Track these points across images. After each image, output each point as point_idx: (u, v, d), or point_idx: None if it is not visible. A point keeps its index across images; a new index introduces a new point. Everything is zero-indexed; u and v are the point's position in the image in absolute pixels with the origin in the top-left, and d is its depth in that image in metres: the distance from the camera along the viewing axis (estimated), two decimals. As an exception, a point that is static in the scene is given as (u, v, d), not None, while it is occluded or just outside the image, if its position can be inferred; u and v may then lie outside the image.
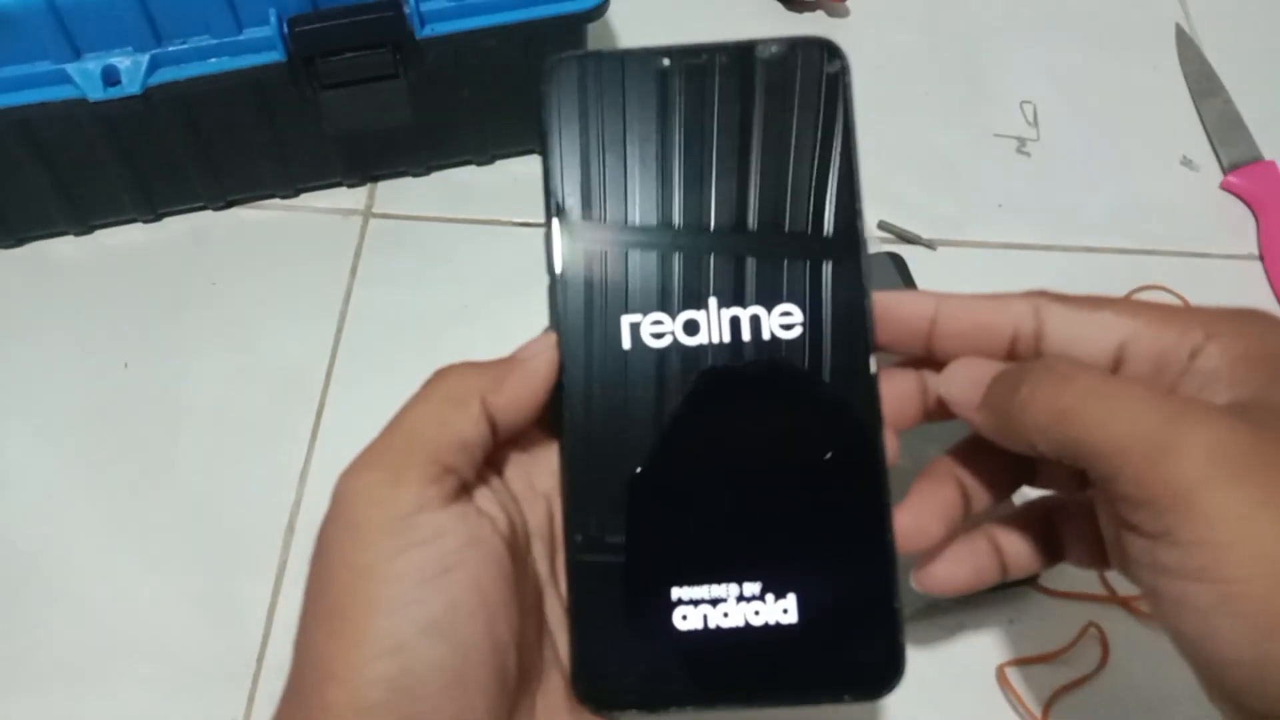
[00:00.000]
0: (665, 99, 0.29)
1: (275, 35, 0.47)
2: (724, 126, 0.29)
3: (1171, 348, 0.26)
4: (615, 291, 0.29)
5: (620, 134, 0.29)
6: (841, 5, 0.64)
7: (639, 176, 0.29)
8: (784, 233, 0.29)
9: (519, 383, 0.28)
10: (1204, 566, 0.22)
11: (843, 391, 0.29)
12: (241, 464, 0.49)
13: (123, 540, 0.47)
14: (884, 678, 0.28)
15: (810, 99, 0.29)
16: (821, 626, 0.28)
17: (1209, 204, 0.59)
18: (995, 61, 0.64)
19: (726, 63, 0.29)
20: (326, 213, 0.56)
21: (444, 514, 0.26)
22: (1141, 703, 0.43)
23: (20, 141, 0.48)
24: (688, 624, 0.28)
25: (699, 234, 0.29)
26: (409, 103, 0.51)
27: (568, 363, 0.29)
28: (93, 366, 0.51)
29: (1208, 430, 0.23)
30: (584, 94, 0.29)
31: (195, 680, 0.44)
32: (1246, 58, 0.64)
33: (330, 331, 0.53)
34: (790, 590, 0.28)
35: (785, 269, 0.29)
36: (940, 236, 0.56)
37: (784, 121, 0.29)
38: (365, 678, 0.24)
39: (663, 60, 0.29)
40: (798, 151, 0.29)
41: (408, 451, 0.27)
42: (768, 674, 0.28)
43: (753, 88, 0.29)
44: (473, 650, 0.25)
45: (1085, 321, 0.27)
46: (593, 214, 0.29)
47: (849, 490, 0.28)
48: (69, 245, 0.55)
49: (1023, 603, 0.46)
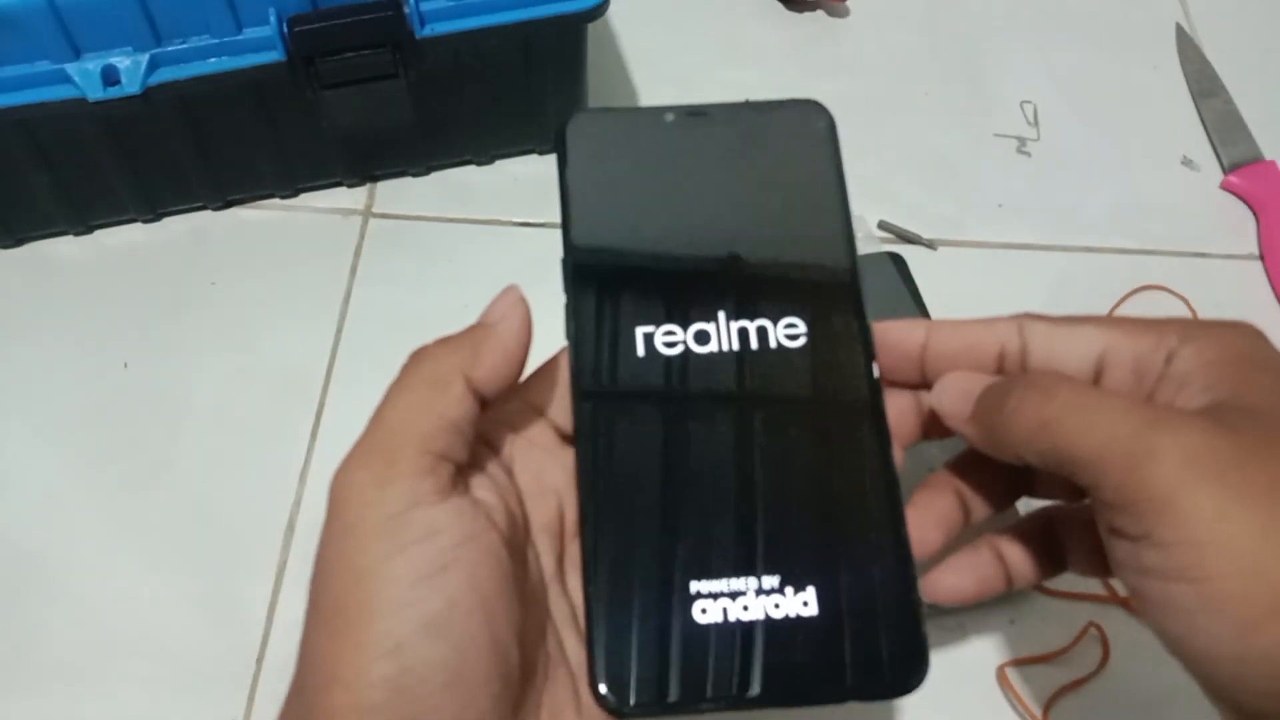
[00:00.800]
0: (673, 146, 0.33)
1: (275, 35, 0.47)
2: (727, 168, 0.33)
3: (1147, 353, 0.27)
4: (629, 305, 0.30)
5: (633, 171, 0.32)
6: (841, 5, 0.64)
7: (651, 209, 0.32)
8: (786, 256, 0.32)
9: (495, 350, 0.28)
10: (1183, 566, 0.23)
11: (848, 391, 0.30)
12: (241, 464, 0.49)
13: (122, 540, 0.47)
14: (910, 670, 0.28)
15: (803, 148, 0.33)
16: (843, 620, 0.28)
17: (1209, 204, 0.59)
18: (995, 61, 0.64)
19: (726, 116, 0.33)
20: (326, 212, 0.56)
21: (438, 510, 0.26)
22: (1142, 703, 0.43)
23: (20, 141, 0.48)
24: (708, 618, 0.28)
25: (707, 258, 0.31)
26: (409, 102, 0.51)
27: (584, 369, 0.30)
28: (92, 366, 0.51)
29: (1182, 435, 0.24)
30: (599, 141, 0.33)
31: (195, 680, 0.44)
32: (1247, 57, 0.64)
33: (330, 331, 0.53)
34: (809, 584, 0.28)
35: (788, 286, 0.31)
36: (941, 236, 0.56)
37: (781, 166, 0.33)
38: (366, 679, 0.24)
39: (667, 115, 0.33)
40: (795, 189, 0.32)
41: (395, 446, 0.26)
42: (792, 669, 0.28)
43: (751, 139, 0.33)
44: (472, 648, 0.25)
45: (1066, 336, 0.28)
46: (609, 241, 0.31)
47: (861, 484, 0.29)
48: (68, 245, 0.55)
49: (1023, 603, 0.46)
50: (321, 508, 0.27)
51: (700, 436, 0.29)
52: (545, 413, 0.31)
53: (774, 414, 0.30)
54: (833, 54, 0.63)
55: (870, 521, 0.29)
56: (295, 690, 0.26)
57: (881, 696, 0.28)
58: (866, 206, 0.56)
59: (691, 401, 0.30)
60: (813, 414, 0.30)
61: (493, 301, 0.29)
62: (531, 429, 0.31)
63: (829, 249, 0.32)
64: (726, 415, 0.30)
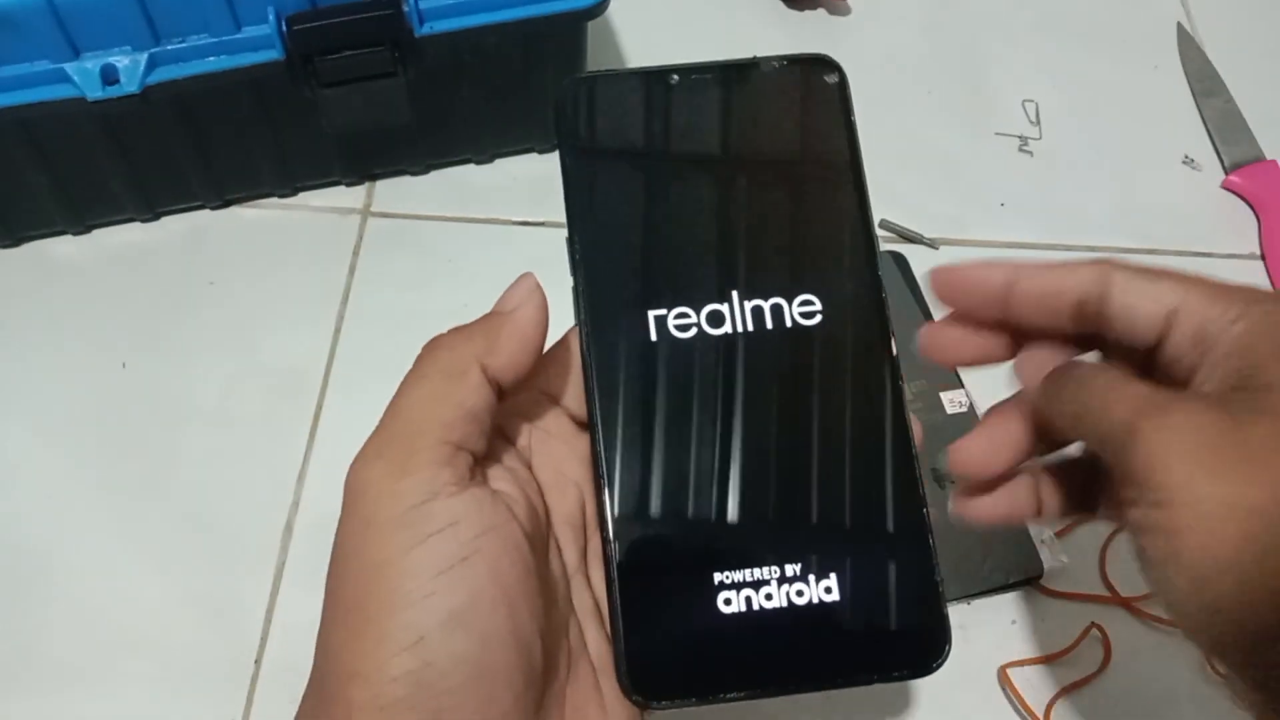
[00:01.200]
0: (679, 109, 0.31)
1: (274, 34, 0.47)
2: (734, 134, 0.31)
3: (1211, 321, 0.28)
4: (639, 286, 0.30)
5: (636, 142, 0.31)
6: (843, 4, 0.64)
7: (655, 181, 0.30)
8: (799, 227, 0.31)
9: (513, 339, 0.28)
10: (1157, 523, 0.25)
11: (868, 372, 0.30)
12: (240, 463, 0.49)
13: (121, 540, 0.47)
14: (932, 649, 0.28)
15: (815, 107, 0.31)
16: (865, 603, 0.28)
17: (1210, 203, 0.59)
18: (997, 60, 0.63)
19: (733, 77, 0.31)
20: (325, 212, 0.56)
21: (457, 500, 0.26)
22: (1143, 703, 0.43)
23: (19, 141, 0.48)
24: (732, 608, 0.28)
25: (716, 232, 0.30)
26: (408, 101, 0.51)
27: (596, 357, 0.29)
28: (91, 366, 0.51)
29: (1169, 417, 0.26)
30: (600, 109, 0.31)
31: (194, 680, 0.44)
32: (1248, 57, 0.64)
33: (329, 331, 0.52)
34: (831, 569, 0.28)
35: (802, 257, 0.30)
36: (942, 235, 0.56)
37: (792, 128, 0.31)
38: (388, 674, 0.24)
39: (672, 77, 0.31)
40: (807, 154, 0.31)
41: (414, 436, 0.26)
42: (816, 655, 0.28)
43: (760, 99, 0.31)
44: (495, 641, 0.25)
45: (1144, 290, 0.29)
46: (613, 218, 0.30)
47: (881, 467, 0.29)
48: (67, 245, 0.55)
49: (1025, 603, 0.46)
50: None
51: (716, 422, 0.29)
52: (560, 400, 0.31)
53: (791, 396, 0.29)
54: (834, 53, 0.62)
55: (891, 504, 0.29)
56: (313, 687, 0.26)
57: (906, 677, 0.28)
58: (867, 205, 0.56)
59: (706, 385, 0.29)
60: (833, 396, 0.29)
61: (508, 289, 0.29)
62: (547, 418, 0.30)
63: (844, 212, 0.31)
64: (741, 399, 0.29)
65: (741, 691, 0.27)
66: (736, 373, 0.29)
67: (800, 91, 0.32)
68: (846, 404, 0.29)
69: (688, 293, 0.30)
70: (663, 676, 0.27)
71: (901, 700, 0.44)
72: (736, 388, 0.29)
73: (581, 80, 0.31)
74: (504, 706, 0.25)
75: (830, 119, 0.31)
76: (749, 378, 0.29)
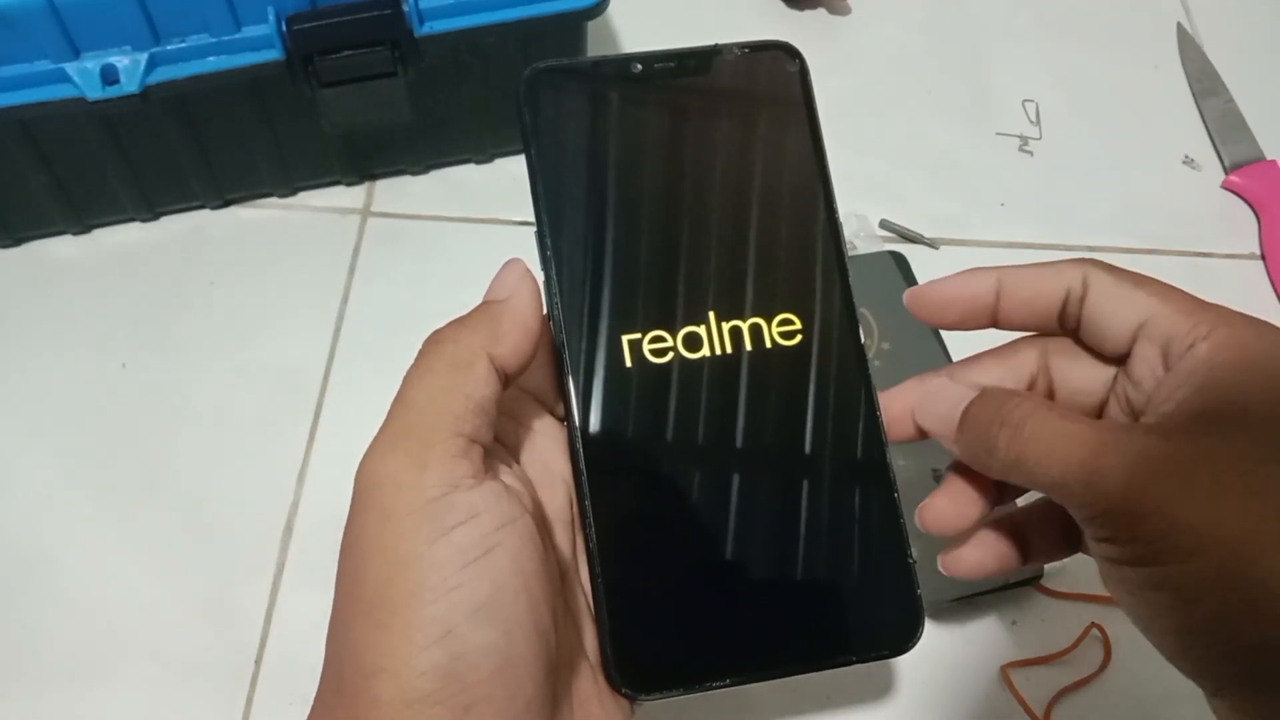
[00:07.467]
0: (640, 101, 0.31)
1: (274, 33, 0.47)
2: (699, 132, 0.31)
3: (1178, 338, 0.28)
4: (613, 313, 0.30)
5: (599, 134, 0.31)
6: (843, 4, 0.64)
7: (621, 189, 0.30)
8: (762, 233, 0.31)
9: (515, 326, 0.28)
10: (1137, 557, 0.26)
11: (844, 379, 0.30)
12: (240, 464, 0.49)
13: (121, 540, 0.47)
14: (907, 629, 0.29)
15: (776, 95, 0.31)
16: (843, 588, 0.29)
17: (1211, 203, 0.59)
18: (997, 60, 0.63)
19: (694, 65, 0.31)
20: (325, 211, 0.56)
21: (477, 493, 0.26)
22: (1144, 703, 0.43)
23: (19, 141, 0.48)
24: (713, 598, 0.28)
25: (685, 245, 0.30)
26: (407, 101, 0.51)
27: (573, 383, 0.29)
28: (91, 366, 0.51)
29: (1125, 454, 0.26)
30: (563, 102, 0.31)
31: (194, 680, 0.44)
32: (1248, 57, 0.64)
33: (329, 330, 0.52)
34: (809, 557, 0.29)
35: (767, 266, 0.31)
36: (943, 235, 0.56)
37: (755, 117, 0.31)
38: (416, 668, 0.24)
39: (635, 65, 0.31)
40: (768, 143, 0.31)
41: (428, 429, 0.26)
42: (797, 640, 0.29)
43: (722, 87, 0.31)
44: (519, 632, 0.25)
45: (1119, 298, 0.29)
46: (582, 229, 0.30)
47: (853, 457, 0.30)
48: (67, 245, 0.55)
49: (1025, 604, 0.46)
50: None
51: (694, 431, 0.30)
52: (540, 397, 0.31)
53: (762, 390, 0.30)
54: (834, 52, 0.63)
55: (863, 492, 0.30)
56: (329, 686, 0.25)
57: (884, 656, 0.29)
58: (868, 205, 0.56)
59: (681, 395, 0.30)
60: (809, 403, 0.30)
61: (497, 276, 0.29)
62: (530, 415, 0.30)
63: (809, 214, 0.31)
64: (715, 405, 0.30)
65: (726, 679, 0.28)
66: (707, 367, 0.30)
67: (763, 79, 0.31)
68: (816, 399, 0.30)
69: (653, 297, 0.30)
70: (649, 669, 0.28)
71: (901, 700, 0.44)
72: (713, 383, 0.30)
73: (543, 71, 0.31)
74: (528, 695, 0.25)
75: (791, 106, 0.31)
76: (722, 374, 0.30)
